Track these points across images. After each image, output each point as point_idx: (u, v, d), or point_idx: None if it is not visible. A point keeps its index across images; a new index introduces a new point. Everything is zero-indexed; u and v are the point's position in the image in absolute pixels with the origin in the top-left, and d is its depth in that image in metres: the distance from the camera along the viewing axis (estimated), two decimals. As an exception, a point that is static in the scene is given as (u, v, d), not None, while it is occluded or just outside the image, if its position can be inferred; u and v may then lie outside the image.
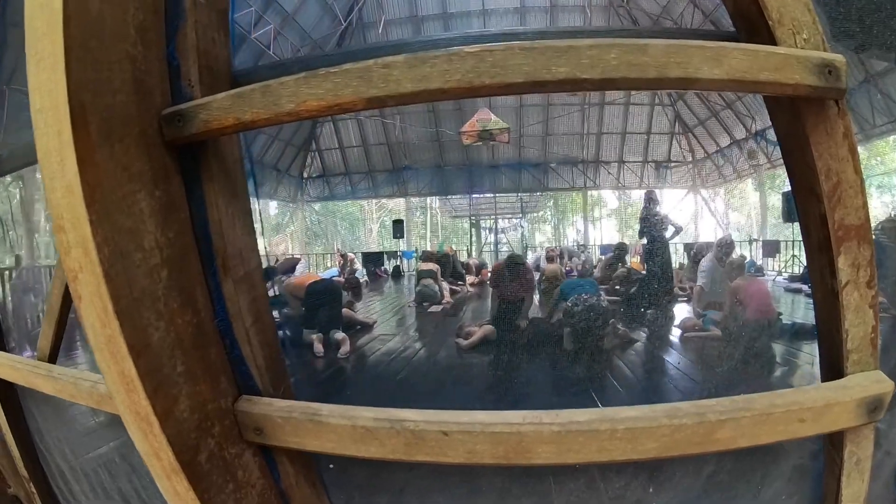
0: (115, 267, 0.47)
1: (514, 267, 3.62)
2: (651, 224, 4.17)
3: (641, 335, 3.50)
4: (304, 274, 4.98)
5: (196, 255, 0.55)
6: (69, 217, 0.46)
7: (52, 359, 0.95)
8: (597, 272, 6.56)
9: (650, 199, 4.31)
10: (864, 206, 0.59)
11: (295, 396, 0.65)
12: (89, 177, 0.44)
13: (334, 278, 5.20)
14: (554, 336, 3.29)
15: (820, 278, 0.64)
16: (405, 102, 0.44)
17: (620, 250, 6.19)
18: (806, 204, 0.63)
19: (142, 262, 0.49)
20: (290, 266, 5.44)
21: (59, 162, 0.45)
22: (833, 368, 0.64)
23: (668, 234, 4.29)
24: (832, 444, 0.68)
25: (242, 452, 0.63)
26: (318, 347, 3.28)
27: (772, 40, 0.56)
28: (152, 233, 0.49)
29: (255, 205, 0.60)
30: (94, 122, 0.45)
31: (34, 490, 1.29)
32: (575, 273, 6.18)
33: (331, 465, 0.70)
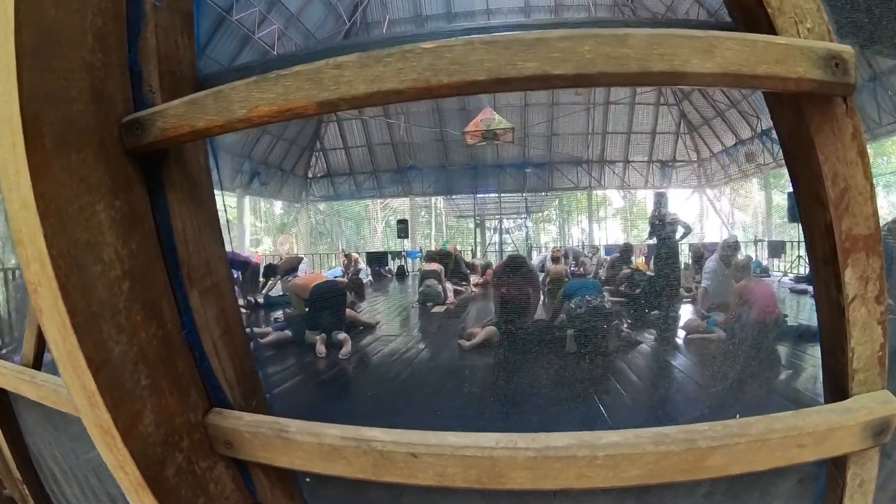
0: (72, 280, 0.45)
1: (515, 267, 3.59)
2: (661, 225, 4.11)
3: (645, 337, 3.45)
4: (309, 274, 4.98)
5: (161, 265, 0.53)
6: (26, 231, 0.45)
7: (37, 364, 0.95)
8: (602, 273, 6.52)
9: (661, 201, 4.25)
10: (875, 214, 0.55)
11: (270, 408, 0.64)
12: (44, 190, 0.43)
13: (337, 278, 5.21)
14: (556, 338, 3.26)
15: (825, 292, 0.59)
16: (359, 105, 0.41)
17: (626, 251, 6.13)
18: (810, 212, 0.58)
19: (101, 274, 0.47)
20: (292, 265, 5.46)
21: (14, 174, 0.44)
22: (837, 387, 0.60)
23: (678, 235, 4.23)
24: (835, 463, 0.65)
25: (214, 465, 0.62)
26: (321, 348, 3.28)
27: (771, 30, 0.51)
28: (112, 245, 0.48)
29: (225, 211, 0.58)
30: (49, 133, 0.44)
31: (28, 492, 1.30)
32: (580, 270, 6.14)
33: (307, 479, 0.68)
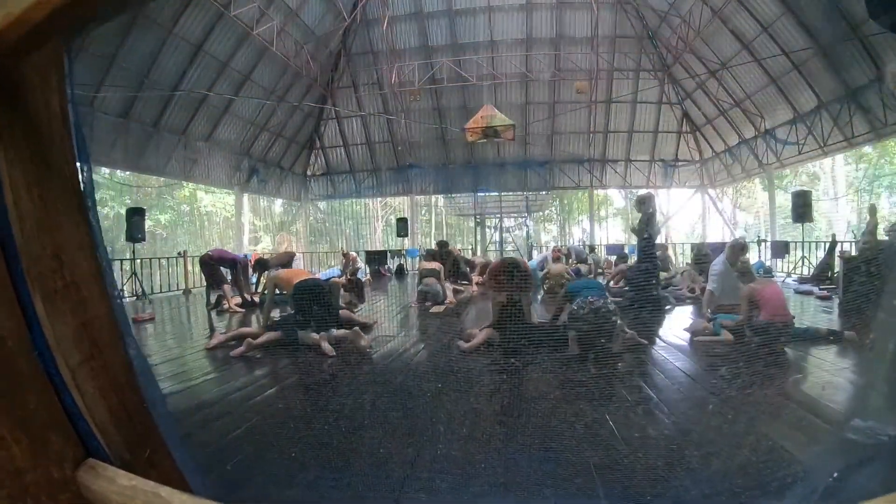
0: None
1: (509, 270, 3.46)
2: (642, 226, 4.18)
3: (651, 338, 3.31)
4: (294, 269, 4.79)
5: (1, 259, 0.37)
6: None
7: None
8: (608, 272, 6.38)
9: (640, 202, 4.29)
10: None
11: (173, 458, 0.47)
12: None
13: (332, 278, 5.03)
14: (559, 340, 3.12)
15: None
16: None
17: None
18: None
19: None
20: (283, 260, 5.29)
21: None
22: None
23: (646, 234, 4.25)
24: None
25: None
26: (326, 346, 3.13)
27: None
28: None
29: (85, 175, 0.39)
30: None
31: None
32: (580, 267, 6.01)
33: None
